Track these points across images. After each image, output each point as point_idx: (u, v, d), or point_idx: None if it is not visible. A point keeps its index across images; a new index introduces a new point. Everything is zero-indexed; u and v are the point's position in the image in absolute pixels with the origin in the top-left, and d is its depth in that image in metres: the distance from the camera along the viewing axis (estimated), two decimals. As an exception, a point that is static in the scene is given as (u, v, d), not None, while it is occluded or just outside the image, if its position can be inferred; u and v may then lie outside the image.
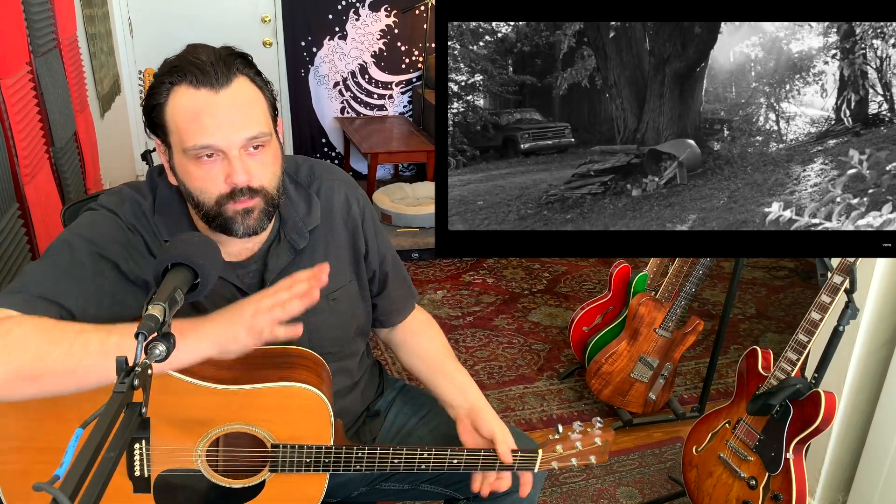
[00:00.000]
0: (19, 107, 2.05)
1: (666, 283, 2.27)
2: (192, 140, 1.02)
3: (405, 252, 3.66)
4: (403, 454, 1.15)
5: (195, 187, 1.06)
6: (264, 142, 1.07)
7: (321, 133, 4.92)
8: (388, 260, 1.33)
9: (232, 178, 1.04)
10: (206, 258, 0.91)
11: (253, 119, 1.05)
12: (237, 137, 1.03)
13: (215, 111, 1.02)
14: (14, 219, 1.95)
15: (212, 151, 1.03)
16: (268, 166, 1.08)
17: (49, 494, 0.57)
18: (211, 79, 1.01)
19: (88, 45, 3.27)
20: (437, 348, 1.36)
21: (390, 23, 4.76)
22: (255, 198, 1.07)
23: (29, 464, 1.06)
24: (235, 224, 1.07)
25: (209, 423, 1.09)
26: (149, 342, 0.80)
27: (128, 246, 1.09)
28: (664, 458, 2.28)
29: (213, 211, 1.07)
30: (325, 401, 1.11)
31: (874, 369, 1.78)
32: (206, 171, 1.04)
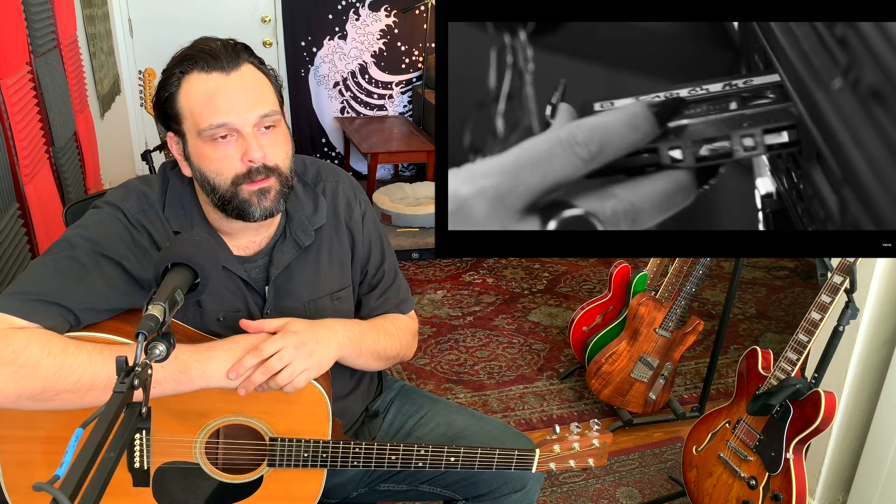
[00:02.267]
0: (19, 107, 2.05)
1: (666, 283, 2.27)
2: (208, 120, 1.03)
3: (405, 252, 3.66)
4: (401, 450, 1.15)
5: (211, 170, 1.07)
6: (276, 121, 1.09)
7: (321, 133, 4.92)
8: (383, 268, 1.32)
9: (248, 155, 1.05)
10: (206, 258, 0.92)
11: (264, 98, 1.07)
12: (251, 115, 1.05)
13: (228, 91, 1.04)
14: (14, 219, 1.95)
15: (226, 132, 1.04)
16: (281, 145, 1.10)
17: (49, 494, 0.57)
18: (222, 62, 1.04)
19: (88, 45, 3.27)
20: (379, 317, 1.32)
21: (390, 23, 4.76)
22: (271, 177, 1.08)
23: (30, 454, 1.07)
24: (252, 206, 1.08)
25: (208, 414, 1.09)
26: (149, 342, 0.80)
27: (131, 244, 1.10)
28: (664, 458, 2.28)
29: (228, 193, 1.07)
30: (323, 394, 1.11)
31: (874, 369, 1.78)
32: (222, 152, 1.06)
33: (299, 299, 1.21)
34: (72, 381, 0.96)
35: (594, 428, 1.23)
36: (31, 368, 0.94)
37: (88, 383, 0.97)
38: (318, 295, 1.23)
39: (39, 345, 0.96)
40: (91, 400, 0.98)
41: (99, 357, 0.98)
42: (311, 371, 1.08)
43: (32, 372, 0.94)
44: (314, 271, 1.22)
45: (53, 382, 0.95)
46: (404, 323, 1.33)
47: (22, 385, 0.94)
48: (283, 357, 1.05)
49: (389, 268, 1.33)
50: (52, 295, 1.01)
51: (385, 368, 1.36)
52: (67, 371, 0.96)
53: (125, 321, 1.09)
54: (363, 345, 1.20)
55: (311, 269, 1.22)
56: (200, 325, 1.15)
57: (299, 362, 1.06)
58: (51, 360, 0.95)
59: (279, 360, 1.05)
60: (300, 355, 1.07)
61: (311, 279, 1.22)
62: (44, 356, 0.95)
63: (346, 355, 1.17)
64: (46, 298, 1.00)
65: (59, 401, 0.97)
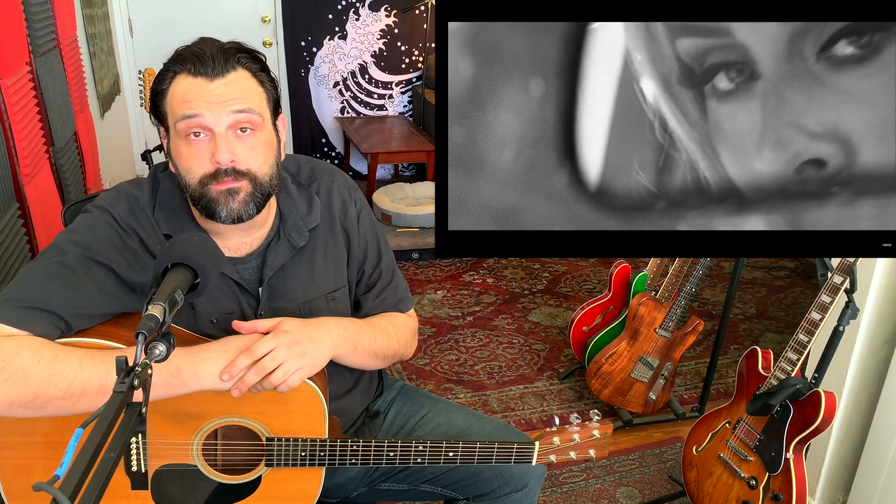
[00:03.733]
0: (19, 107, 2.05)
1: (666, 283, 2.27)
2: (181, 111, 1.04)
3: (405, 252, 3.66)
4: (399, 447, 1.15)
5: (183, 167, 1.07)
6: (254, 125, 1.07)
7: (321, 133, 4.92)
8: (379, 267, 1.31)
9: (215, 157, 1.04)
10: (206, 258, 0.91)
11: (243, 99, 1.06)
12: (223, 112, 1.04)
13: (207, 95, 1.04)
14: (14, 219, 1.95)
15: (199, 128, 1.04)
16: (257, 152, 1.08)
17: (49, 494, 0.57)
18: (208, 68, 1.04)
19: (88, 45, 3.27)
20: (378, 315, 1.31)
21: (390, 23, 4.76)
22: (242, 180, 1.07)
23: (28, 460, 1.06)
24: (218, 206, 1.07)
25: (204, 415, 1.09)
26: (149, 342, 0.80)
27: (121, 247, 1.09)
28: (664, 458, 2.28)
29: (197, 192, 1.07)
30: (318, 392, 1.11)
31: (874, 369, 1.78)
32: (194, 150, 1.06)
33: (293, 300, 1.21)
34: (63, 388, 0.96)
35: (594, 419, 1.23)
36: (22, 376, 0.94)
37: (80, 389, 0.97)
38: (312, 296, 1.22)
39: (30, 352, 0.96)
40: (83, 406, 0.98)
41: (90, 363, 0.98)
42: (305, 370, 1.08)
43: (23, 380, 0.94)
44: (308, 272, 1.22)
45: (45, 389, 0.95)
46: (403, 321, 1.33)
47: (13, 393, 0.94)
48: (275, 357, 1.05)
49: (387, 267, 1.33)
50: (42, 301, 1.01)
51: (384, 367, 1.35)
52: (59, 378, 0.96)
53: (117, 325, 1.09)
54: (359, 343, 1.20)
55: (306, 270, 1.22)
56: (194, 327, 1.15)
57: (292, 361, 1.06)
58: (41, 368, 0.95)
59: (272, 359, 1.05)
60: (293, 354, 1.06)
61: (305, 280, 1.22)
62: (34, 363, 0.95)
63: (340, 354, 1.17)
64: (36, 305, 1.00)
65: (52, 408, 0.97)
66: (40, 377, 0.95)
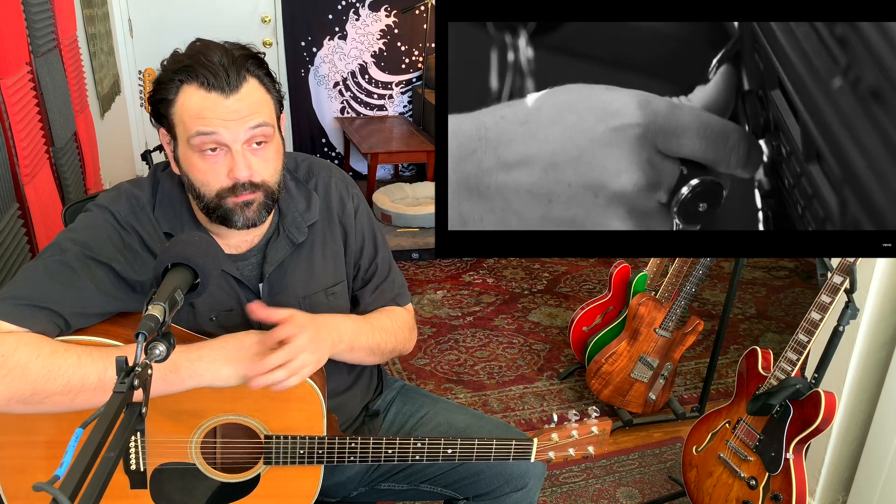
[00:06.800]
0: (19, 107, 2.05)
1: (666, 283, 2.27)
2: (196, 128, 1.03)
3: (405, 252, 3.66)
4: (397, 444, 1.15)
5: (198, 179, 1.07)
6: (267, 137, 1.08)
7: (321, 133, 4.92)
8: (376, 261, 1.32)
9: (234, 173, 1.05)
10: (206, 258, 0.92)
11: (258, 112, 1.06)
12: (241, 130, 1.04)
13: (223, 112, 1.03)
14: (14, 219, 1.95)
15: (215, 144, 1.04)
16: (270, 162, 1.10)
17: (49, 494, 0.57)
18: (222, 82, 1.02)
19: (88, 45, 3.27)
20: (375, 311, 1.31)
21: (390, 23, 4.76)
22: (257, 192, 1.08)
23: (28, 459, 1.07)
24: (235, 216, 1.08)
25: (202, 413, 1.09)
26: (149, 342, 0.80)
27: (122, 246, 1.10)
28: (664, 458, 2.28)
29: (213, 203, 1.08)
30: (316, 390, 1.11)
31: (874, 369, 1.78)
32: (209, 165, 1.06)
33: (294, 295, 1.21)
34: (62, 384, 0.96)
35: (593, 415, 1.23)
36: (21, 372, 0.94)
37: (79, 385, 0.97)
38: (312, 291, 1.23)
39: (28, 348, 0.96)
40: (82, 402, 0.98)
41: (88, 359, 0.98)
42: (311, 368, 1.08)
43: (22, 375, 0.95)
44: (308, 267, 1.23)
45: (43, 385, 0.95)
46: (400, 316, 1.33)
47: (12, 388, 0.94)
48: (294, 354, 1.04)
49: (383, 261, 1.33)
50: (41, 299, 1.01)
51: (382, 362, 1.36)
52: (57, 373, 0.96)
53: (116, 324, 1.09)
54: (356, 342, 1.20)
55: (305, 265, 1.23)
56: (193, 324, 1.15)
57: (303, 359, 1.06)
58: (40, 363, 0.96)
59: (293, 356, 1.04)
60: (308, 351, 1.06)
61: (305, 275, 1.22)
62: (33, 359, 0.95)
63: (337, 352, 1.17)
64: (36, 303, 1.01)
65: (50, 403, 0.97)
66: (39, 372, 0.95)
